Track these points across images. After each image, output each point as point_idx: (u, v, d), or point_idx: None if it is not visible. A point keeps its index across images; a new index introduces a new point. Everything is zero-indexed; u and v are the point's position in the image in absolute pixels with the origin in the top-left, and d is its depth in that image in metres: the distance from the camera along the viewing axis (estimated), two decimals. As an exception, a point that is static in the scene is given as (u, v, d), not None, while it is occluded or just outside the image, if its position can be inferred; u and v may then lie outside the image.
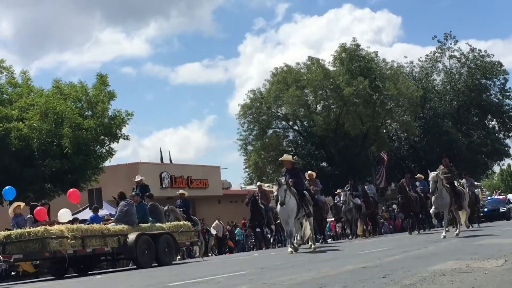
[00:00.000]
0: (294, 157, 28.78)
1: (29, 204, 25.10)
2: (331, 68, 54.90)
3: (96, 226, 19.39)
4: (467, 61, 62.49)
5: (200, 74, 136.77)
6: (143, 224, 20.08)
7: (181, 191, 29.75)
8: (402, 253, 14.56)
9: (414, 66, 63.71)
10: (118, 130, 32.29)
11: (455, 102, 62.20)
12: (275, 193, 18.55)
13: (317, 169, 53.93)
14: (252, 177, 57.66)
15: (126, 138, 33.36)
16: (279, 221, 24.37)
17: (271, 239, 33.06)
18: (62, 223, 19.01)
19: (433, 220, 24.18)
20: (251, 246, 36.32)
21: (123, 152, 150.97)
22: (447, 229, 21.66)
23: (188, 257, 29.05)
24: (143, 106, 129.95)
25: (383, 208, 52.55)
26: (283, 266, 13.76)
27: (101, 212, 28.35)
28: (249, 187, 58.49)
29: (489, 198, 50.00)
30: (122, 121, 32.30)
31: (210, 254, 33.61)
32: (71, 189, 24.71)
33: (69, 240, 17.52)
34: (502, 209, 46.76)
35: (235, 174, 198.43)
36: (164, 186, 41.96)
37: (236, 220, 41.56)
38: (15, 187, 27.51)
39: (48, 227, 17.64)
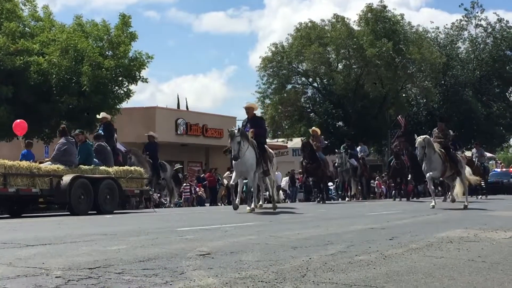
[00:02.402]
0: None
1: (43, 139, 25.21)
2: (355, 27, 54.49)
3: (24, 163, 16.98)
4: (493, 31, 61.83)
5: (224, 23, 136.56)
6: (83, 166, 17.99)
7: (150, 133, 28.10)
8: (411, 217, 14.57)
9: (439, 32, 63.21)
10: (137, 72, 32.22)
11: (478, 72, 61.66)
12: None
13: (333, 128, 54.07)
14: (268, 131, 57.65)
15: (145, 80, 33.27)
16: (225, 175, 23.40)
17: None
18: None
19: (429, 187, 21.93)
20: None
21: (141, 96, 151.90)
22: (448, 197, 20.70)
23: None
24: (164, 51, 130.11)
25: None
26: (291, 221, 13.80)
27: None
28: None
29: (494, 170, 49.23)
30: (142, 63, 32.19)
31: (219, 204, 33.77)
32: (17, 120, 23.67)
33: None
34: (506, 182, 46.28)
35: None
36: (179, 132, 41.95)
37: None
38: (31, 121, 27.65)
39: None
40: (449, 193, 21.37)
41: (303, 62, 55.21)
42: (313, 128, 30.14)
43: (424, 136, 19.89)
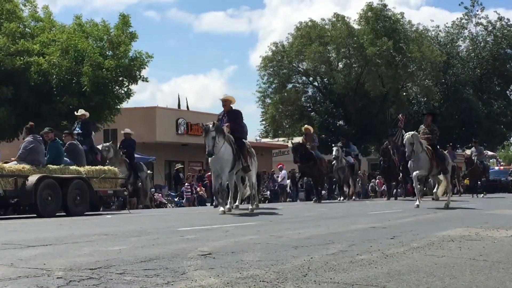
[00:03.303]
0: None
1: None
2: (356, 26, 54.45)
3: None
4: (493, 29, 61.77)
5: (224, 23, 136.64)
6: (52, 166, 16.93)
7: (126, 130, 26.92)
8: (412, 216, 14.57)
9: (440, 31, 63.14)
10: (137, 72, 32.19)
11: (478, 70, 61.61)
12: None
13: (334, 127, 54.01)
14: (268, 130, 57.70)
15: (145, 80, 33.26)
16: (209, 173, 22.23)
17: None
18: None
19: (415, 186, 20.93)
20: (262, 199, 36.44)
21: (141, 95, 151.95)
22: (421, 198, 20.06)
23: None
24: (164, 51, 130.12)
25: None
26: (292, 220, 13.80)
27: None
28: (264, 140, 58.57)
29: (491, 168, 49.03)
30: (142, 63, 32.18)
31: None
32: None
33: None
34: (503, 181, 46.21)
35: (252, 126, 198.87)
36: (180, 132, 41.94)
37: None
38: (31, 121, 27.63)
39: None
40: (434, 192, 20.80)
41: (303, 61, 55.17)
42: (305, 126, 29.24)
43: (413, 132, 19.41)
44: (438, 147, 20.25)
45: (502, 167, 53.05)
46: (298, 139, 33.91)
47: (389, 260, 6.70)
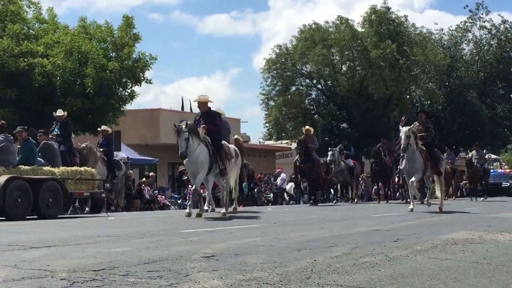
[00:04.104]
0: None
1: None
2: (359, 29, 54.36)
3: None
4: (497, 32, 61.62)
5: (227, 25, 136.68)
6: (23, 166, 16.23)
7: (103, 127, 26.30)
8: (415, 219, 14.55)
9: (443, 34, 62.95)
10: (141, 74, 32.21)
11: (482, 74, 61.46)
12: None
13: (337, 129, 53.96)
14: (272, 133, 57.63)
15: (149, 82, 33.27)
16: (186, 177, 21.64)
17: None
18: None
19: (409, 190, 20.21)
20: (265, 201, 36.44)
21: (145, 97, 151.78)
22: (419, 201, 19.58)
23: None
24: (168, 54, 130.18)
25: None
26: (296, 222, 13.81)
27: (120, 155, 28.25)
28: (267, 142, 58.54)
29: (492, 171, 48.52)
30: (145, 64, 32.20)
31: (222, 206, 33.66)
32: None
33: None
34: (504, 184, 45.97)
35: (255, 129, 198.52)
36: (183, 134, 41.89)
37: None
38: (34, 123, 27.68)
39: None
40: (426, 197, 19.97)
41: (307, 64, 55.09)
42: (306, 127, 28.57)
43: (409, 127, 18.19)
44: (433, 147, 19.32)
45: (508, 170, 52.84)
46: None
47: (393, 263, 6.70)
